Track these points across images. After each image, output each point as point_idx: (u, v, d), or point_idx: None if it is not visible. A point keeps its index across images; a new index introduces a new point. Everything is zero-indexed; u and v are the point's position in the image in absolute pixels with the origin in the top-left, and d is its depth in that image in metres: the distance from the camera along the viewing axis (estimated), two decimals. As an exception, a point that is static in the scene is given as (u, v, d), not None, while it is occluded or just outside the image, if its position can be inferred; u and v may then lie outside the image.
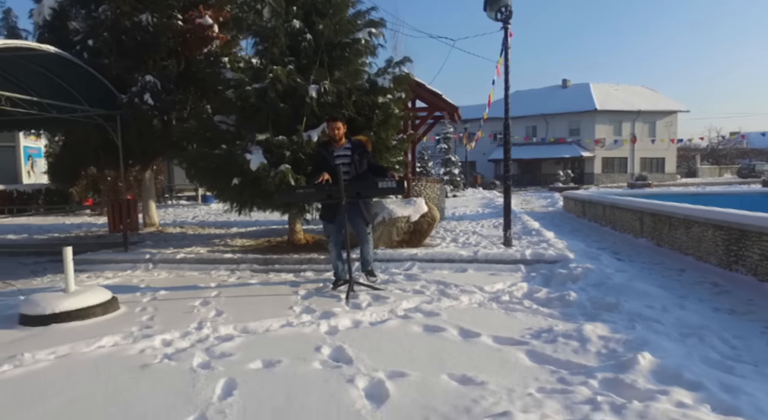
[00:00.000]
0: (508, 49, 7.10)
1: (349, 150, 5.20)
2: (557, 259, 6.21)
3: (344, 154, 5.17)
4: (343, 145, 5.21)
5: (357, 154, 5.16)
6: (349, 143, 5.24)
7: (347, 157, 5.16)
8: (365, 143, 5.35)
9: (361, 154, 5.18)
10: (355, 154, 5.15)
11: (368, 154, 5.28)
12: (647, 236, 8.63)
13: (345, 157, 5.15)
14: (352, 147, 5.21)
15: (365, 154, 5.22)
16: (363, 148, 5.25)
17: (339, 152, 5.17)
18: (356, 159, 5.15)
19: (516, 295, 4.95)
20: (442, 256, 6.47)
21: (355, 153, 5.16)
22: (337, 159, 5.11)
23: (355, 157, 5.15)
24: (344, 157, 5.15)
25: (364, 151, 5.24)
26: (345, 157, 5.16)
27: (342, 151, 5.18)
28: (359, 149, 5.20)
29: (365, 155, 5.22)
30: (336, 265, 5.42)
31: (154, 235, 9.64)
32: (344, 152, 5.18)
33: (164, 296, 5.19)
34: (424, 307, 4.53)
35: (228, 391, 2.82)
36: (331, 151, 5.18)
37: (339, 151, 5.17)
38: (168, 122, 9.19)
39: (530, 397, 2.63)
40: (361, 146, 5.24)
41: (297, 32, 7.06)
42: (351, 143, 5.24)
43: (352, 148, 5.20)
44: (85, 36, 8.05)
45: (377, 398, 2.71)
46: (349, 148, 5.20)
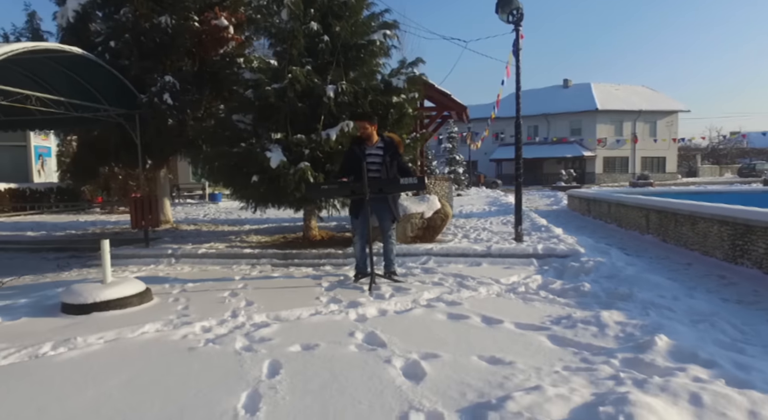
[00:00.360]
0: (519, 50, 7.32)
1: (381, 150, 5.32)
2: (568, 253, 6.42)
3: (376, 153, 5.30)
4: (375, 143, 5.34)
5: (389, 155, 5.28)
6: (382, 142, 5.35)
7: (379, 156, 5.30)
8: (398, 144, 5.41)
9: (392, 155, 5.30)
10: (387, 155, 5.28)
11: (399, 156, 5.38)
12: (653, 233, 8.85)
13: (376, 157, 5.29)
14: (385, 147, 5.32)
15: (396, 156, 5.33)
16: (395, 149, 5.34)
17: (371, 151, 5.31)
18: (387, 160, 5.28)
19: (531, 286, 5.16)
20: (457, 250, 6.69)
21: (387, 154, 5.29)
22: (369, 157, 5.26)
23: (387, 158, 5.28)
24: (375, 157, 5.29)
25: (396, 152, 5.34)
26: (377, 156, 5.29)
27: (374, 149, 5.32)
28: (391, 151, 5.31)
29: (396, 157, 5.33)
30: (359, 257, 5.62)
31: (169, 232, 9.86)
32: (376, 151, 5.31)
33: (193, 288, 5.41)
34: (445, 297, 4.74)
35: (275, 370, 3.03)
36: (363, 148, 5.32)
37: (371, 150, 5.32)
38: (184, 121, 9.41)
39: (557, 374, 2.85)
40: (393, 147, 5.33)
41: (314, 34, 7.28)
42: (384, 142, 5.35)
43: (385, 149, 5.32)
44: (106, 38, 8.28)
45: (415, 376, 2.91)
46: (381, 148, 5.33)
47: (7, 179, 16.01)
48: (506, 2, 7.21)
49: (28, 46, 5.77)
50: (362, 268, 5.66)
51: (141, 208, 7.42)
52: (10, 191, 15.18)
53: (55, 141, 18.43)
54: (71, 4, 8.31)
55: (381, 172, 5.28)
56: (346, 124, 6.75)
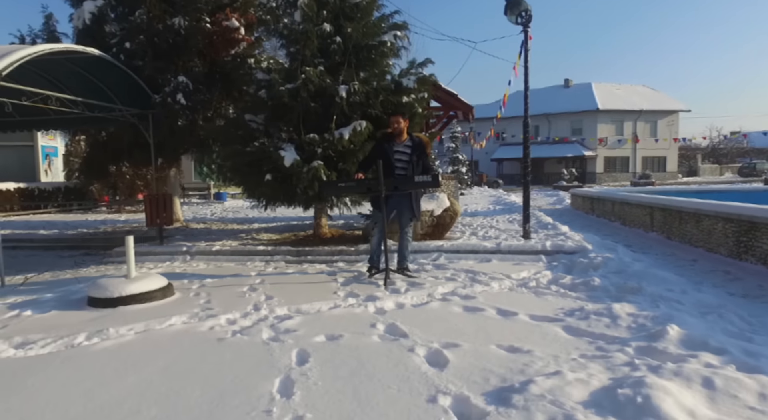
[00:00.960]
0: (528, 51, 7.46)
1: (409, 148, 5.44)
2: (576, 249, 6.57)
3: (403, 151, 5.43)
4: (404, 141, 5.47)
5: (416, 155, 5.41)
6: (411, 141, 5.47)
7: (406, 154, 5.43)
8: (426, 144, 5.53)
9: (419, 155, 5.42)
10: (414, 154, 5.41)
11: (426, 156, 5.50)
12: (657, 230, 8.99)
13: (404, 154, 5.42)
14: (413, 146, 5.44)
15: (423, 156, 5.46)
16: (423, 149, 5.46)
17: (398, 148, 5.44)
18: (414, 159, 5.41)
19: (542, 281, 5.30)
20: (467, 247, 6.83)
21: (414, 153, 5.41)
22: (396, 154, 5.40)
23: (414, 157, 5.40)
24: (403, 154, 5.42)
25: (423, 152, 5.46)
26: (404, 154, 5.43)
27: (402, 147, 5.45)
28: (419, 151, 5.43)
29: (423, 157, 5.46)
30: (375, 251, 5.75)
31: (181, 231, 10.00)
32: (404, 149, 5.44)
33: (212, 283, 5.55)
34: (459, 291, 4.88)
35: (304, 359, 3.18)
36: (392, 144, 5.44)
37: (399, 147, 5.44)
38: (195, 121, 9.56)
39: (575, 361, 2.99)
40: (421, 147, 5.45)
41: (327, 35, 7.41)
42: (412, 141, 5.47)
43: (413, 148, 5.44)
44: (121, 39, 8.42)
45: (438, 364, 3.06)
46: (409, 146, 5.45)
47: (14, 179, 16.15)
48: (515, 4, 7.36)
49: (54, 47, 5.91)
50: (376, 262, 5.79)
51: (156, 207, 7.56)
52: (19, 190, 15.33)
53: (62, 141, 18.59)
54: (87, 6, 8.46)
55: (407, 170, 5.41)
56: (359, 124, 6.89)
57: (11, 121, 8.81)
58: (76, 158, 15.76)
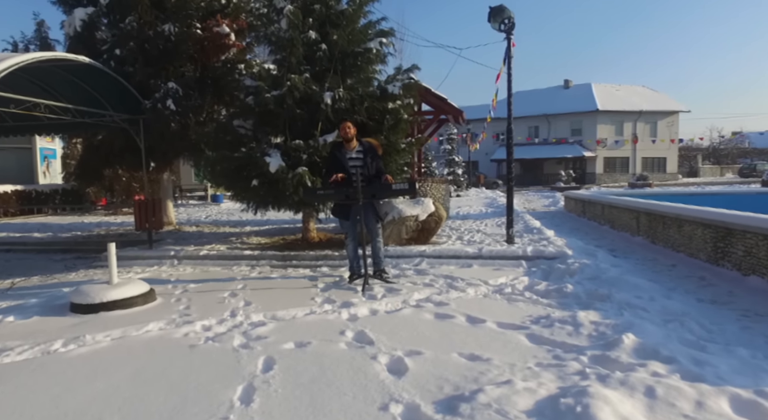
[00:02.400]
0: (511, 58, 7.55)
1: (361, 153, 5.60)
2: (556, 255, 6.66)
3: (357, 156, 5.58)
4: (354, 147, 5.61)
5: (369, 157, 5.58)
6: (361, 146, 5.63)
7: (360, 159, 5.58)
8: (376, 146, 5.73)
9: (372, 157, 5.60)
10: (367, 157, 5.58)
11: (379, 157, 5.68)
12: (643, 235, 9.07)
13: (358, 160, 5.57)
14: (364, 150, 5.61)
15: (376, 158, 5.64)
16: (374, 151, 5.65)
17: (351, 154, 5.58)
18: (368, 162, 5.57)
19: (518, 287, 5.39)
20: (449, 252, 6.93)
21: (367, 156, 5.58)
22: (351, 161, 5.54)
23: (368, 159, 5.57)
24: (357, 160, 5.57)
25: (375, 154, 5.64)
26: (358, 159, 5.58)
27: (354, 153, 5.59)
28: (371, 153, 5.61)
29: (376, 159, 5.64)
30: (352, 257, 5.87)
31: (172, 234, 10.12)
32: (357, 155, 5.59)
33: (194, 289, 5.66)
34: (434, 298, 4.98)
35: (269, 366, 3.28)
36: (343, 152, 5.59)
37: (351, 154, 5.58)
38: (186, 126, 9.67)
39: (529, 370, 3.09)
40: (372, 150, 5.64)
41: (313, 42, 7.53)
42: (363, 146, 5.63)
43: (364, 151, 5.60)
44: (112, 45, 8.55)
45: (398, 371, 3.16)
46: (361, 151, 5.61)
47: (12, 181, 16.30)
48: (498, 12, 7.45)
49: (43, 55, 6.03)
50: (356, 269, 5.90)
51: (145, 211, 7.68)
52: (17, 193, 15.48)
53: (60, 143, 18.74)
54: (78, 14, 8.58)
55: (364, 174, 5.52)
56: (342, 130, 6.98)
57: (5, 125, 8.94)
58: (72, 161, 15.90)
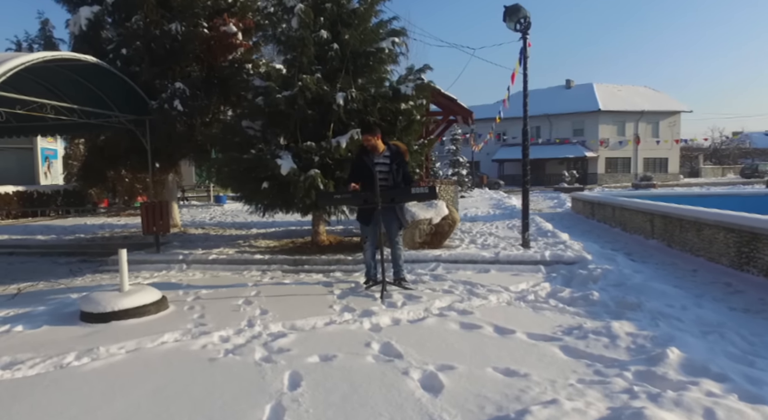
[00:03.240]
0: (527, 58, 7.39)
1: (388, 158, 5.44)
2: (575, 260, 6.50)
3: (383, 161, 5.43)
4: (382, 152, 5.46)
5: (395, 163, 5.42)
6: (389, 151, 5.48)
7: (386, 165, 5.42)
8: (404, 152, 5.55)
9: (399, 163, 5.44)
10: (393, 163, 5.42)
11: (405, 163, 5.52)
12: (658, 238, 8.92)
13: (384, 165, 5.42)
14: (392, 155, 5.45)
15: (403, 164, 5.48)
16: (401, 157, 5.48)
17: (378, 160, 5.43)
18: (394, 168, 5.41)
19: (540, 294, 5.23)
20: (465, 257, 6.77)
21: (393, 162, 5.42)
22: (377, 166, 5.39)
23: (393, 166, 5.41)
24: (383, 165, 5.42)
25: (402, 160, 5.48)
26: (384, 164, 5.42)
27: (381, 158, 5.44)
28: (398, 159, 5.45)
29: (403, 165, 5.48)
30: (370, 264, 5.71)
31: (178, 236, 9.95)
32: (383, 160, 5.43)
33: (207, 295, 5.49)
34: (456, 306, 4.82)
35: (296, 382, 3.12)
36: (371, 157, 5.44)
37: (378, 159, 5.44)
38: (193, 126, 9.50)
39: (572, 387, 2.92)
40: (399, 155, 5.47)
41: (324, 42, 7.36)
42: (390, 151, 5.47)
43: (391, 157, 5.45)
44: (117, 45, 8.37)
45: (433, 388, 3.00)
46: (388, 157, 5.45)
47: (13, 181, 16.10)
48: (513, 11, 7.28)
49: (49, 55, 5.85)
50: (372, 274, 5.75)
51: (152, 214, 7.51)
52: (18, 194, 15.29)
53: (61, 143, 18.54)
54: (84, 12, 8.40)
55: (388, 180, 5.38)
56: (356, 132, 6.82)
57: (8, 126, 8.75)
58: (75, 161, 15.72)
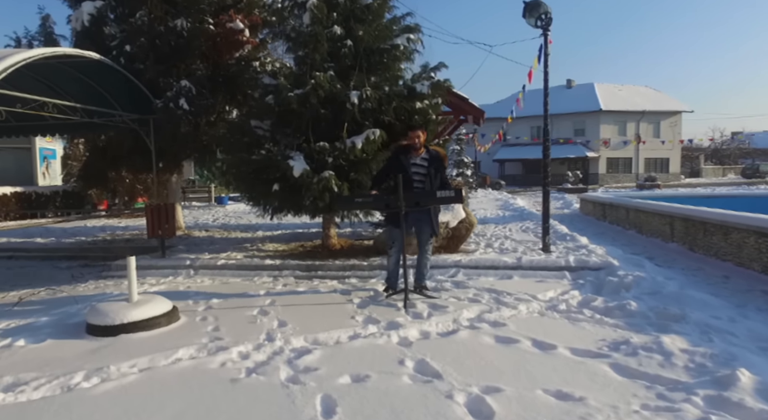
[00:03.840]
0: (548, 55, 7.11)
1: (426, 161, 5.16)
2: (601, 265, 6.23)
3: (421, 163, 5.15)
4: (421, 154, 5.17)
5: (433, 167, 5.14)
6: (428, 154, 5.19)
7: (423, 168, 5.14)
8: (443, 157, 5.26)
9: (437, 168, 5.16)
10: (431, 167, 5.14)
11: (443, 169, 5.25)
12: (678, 241, 8.65)
13: (421, 168, 5.14)
14: (430, 159, 5.17)
15: (441, 170, 5.20)
16: (440, 162, 5.20)
17: (416, 161, 5.16)
18: (432, 172, 5.13)
19: (572, 303, 4.96)
20: (486, 262, 6.49)
21: (431, 166, 5.14)
22: (413, 167, 5.12)
23: (431, 170, 5.13)
24: (420, 167, 5.14)
25: (441, 165, 5.20)
26: (421, 167, 5.14)
27: (419, 160, 5.16)
28: (436, 163, 5.16)
29: (441, 171, 5.20)
30: (392, 272, 5.43)
31: (183, 240, 9.65)
32: (421, 162, 5.16)
33: (219, 305, 5.19)
34: (486, 316, 4.54)
35: (330, 408, 2.83)
36: (409, 157, 5.15)
37: (416, 160, 5.16)
38: (198, 126, 9.21)
39: (638, 414, 2.65)
40: (438, 160, 5.19)
41: (338, 38, 7.07)
42: (429, 154, 5.19)
43: (430, 160, 5.16)
44: (121, 41, 8.06)
45: (481, 414, 2.72)
46: (426, 160, 5.17)
47: (11, 182, 15.75)
48: (534, 7, 7.02)
49: (50, 51, 5.56)
50: (393, 282, 5.47)
51: (158, 217, 7.20)
52: (16, 195, 14.94)
53: (60, 143, 18.19)
54: (86, 7, 8.10)
55: (425, 184, 5.11)
56: (372, 132, 6.55)
57: (8, 126, 8.45)
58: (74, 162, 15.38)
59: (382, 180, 5.34)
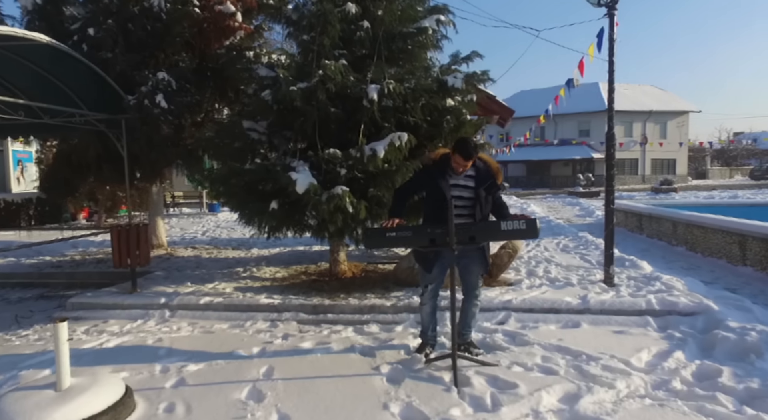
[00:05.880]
0: (614, 41, 5.72)
1: (472, 180, 3.74)
2: (695, 309, 4.83)
3: (465, 184, 3.73)
4: (463, 172, 3.75)
5: (484, 187, 3.72)
6: (473, 170, 3.75)
7: (469, 189, 3.73)
8: (496, 173, 3.79)
9: (488, 188, 3.72)
10: (480, 186, 3.72)
11: (498, 189, 3.82)
12: (755, 265, 7.26)
13: (465, 189, 3.72)
14: (477, 176, 3.73)
15: (493, 189, 3.76)
16: (492, 180, 3.75)
17: (458, 180, 3.75)
18: (482, 195, 3.71)
19: (686, 377, 3.57)
20: (543, 303, 5.08)
21: (481, 185, 3.72)
22: (454, 189, 3.70)
23: (481, 191, 3.71)
24: (464, 189, 3.73)
25: (494, 184, 3.75)
26: (466, 188, 3.73)
27: (462, 179, 3.75)
28: (487, 182, 3.72)
29: (493, 190, 3.76)
30: (428, 324, 4.06)
31: (163, 261, 8.20)
32: (465, 182, 3.74)
33: (195, 377, 3.75)
34: (579, 405, 3.13)
35: None
36: (448, 175, 3.73)
37: (458, 179, 3.75)
38: (181, 128, 7.78)
39: None
40: (490, 178, 3.74)
41: (352, 19, 5.66)
42: (476, 170, 3.75)
43: (477, 179, 3.73)
44: (84, 24, 6.60)
45: None
46: (472, 177, 3.74)
47: (-19, 188, 14.28)
48: (597, -21, 5.62)
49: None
50: (430, 338, 4.10)
51: (126, 242, 5.77)
52: (-17, 203, 13.47)
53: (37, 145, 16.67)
54: (38, -20, 6.67)
55: (473, 212, 3.69)
56: (398, 136, 5.14)
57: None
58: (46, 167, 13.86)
59: (405, 199, 3.92)
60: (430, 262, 3.77)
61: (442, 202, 3.52)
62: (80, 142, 7.42)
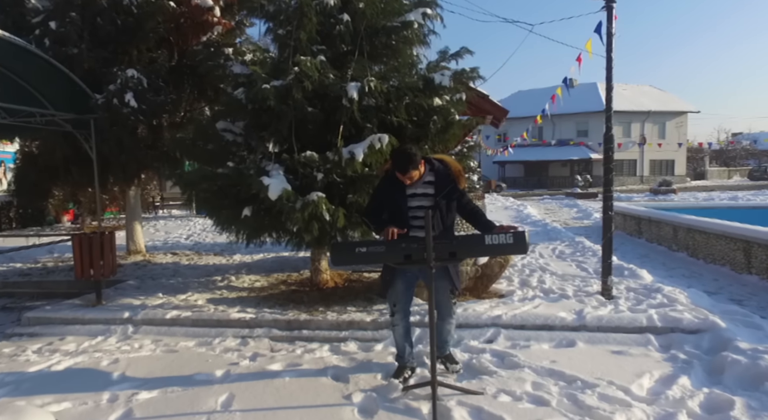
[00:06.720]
0: (612, 35, 5.33)
1: (431, 186, 3.36)
2: (700, 327, 4.44)
3: (423, 192, 3.36)
4: (421, 178, 3.36)
5: (442, 195, 3.33)
6: (431, 175, 3.37)
7: (428, 196, 3.35)
8: (456, 175, 3.39)
9: (448, 195, 3.34)
10: (439, 194, 3.33)
11: (460, 193, 3.41)
12: (760, 274, 6.89)
13: (424, 198, 3.35)
14: (437, 180, 3.35)
15: (455, 195, 3.37)
16: (452, 185, 3.35)
17: (416, 189, 3.36)
18: (442, 203, 3.33)
19: (693, 409, 3.18)
20: (535, 319, 4.69)
21: (439, 193, 3.33)
22: (412, 200, 3.34)
23: (440, 199, 3.32)
24: (423, 198, 3.36)
25: (454, 189, 3.36)
26: (425, 197, 3.36)
27: (420, 187, 3.36)
28: (446, 187, 3.32)
29: (455, 195, 3.38)
30: (403, 346, 3.68)
31: (139, 268, 7.80)
32: (423, 190, 3.36)
33: (145, 408, 3.36)
34: (575, 450, 2.74)
35: None
36: (404, 188, 3.35)
37: (415, 188, 3.36)
38: (157, 128, 7.38)
39: None
40: (448, 181, 3.34)
41: (330, 11, 5.26)
42: (435, 174, 3.37)
43: (437, 183, 3.35)
44: (46, 17, 6.19)
45: None
46: (431, 183, 3.36)
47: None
48: (594, -31, 5.24)
49: None
50: (407, 359, 3.71)
51: (89, 251, 5.36)
52: (-38, 205, 13.04)
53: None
54: (-6, -31, 6.27)
55: (435, 223, 3.26)
56: (378, 139, 4.74)
57: None
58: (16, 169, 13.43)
59: (378, 216, 3.49)
60: (395, 280, 3.41)
61: (401, 215, 3.15)
62: (46, 144, 7.01)
